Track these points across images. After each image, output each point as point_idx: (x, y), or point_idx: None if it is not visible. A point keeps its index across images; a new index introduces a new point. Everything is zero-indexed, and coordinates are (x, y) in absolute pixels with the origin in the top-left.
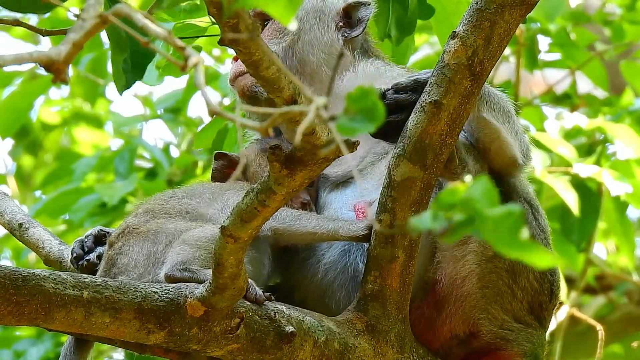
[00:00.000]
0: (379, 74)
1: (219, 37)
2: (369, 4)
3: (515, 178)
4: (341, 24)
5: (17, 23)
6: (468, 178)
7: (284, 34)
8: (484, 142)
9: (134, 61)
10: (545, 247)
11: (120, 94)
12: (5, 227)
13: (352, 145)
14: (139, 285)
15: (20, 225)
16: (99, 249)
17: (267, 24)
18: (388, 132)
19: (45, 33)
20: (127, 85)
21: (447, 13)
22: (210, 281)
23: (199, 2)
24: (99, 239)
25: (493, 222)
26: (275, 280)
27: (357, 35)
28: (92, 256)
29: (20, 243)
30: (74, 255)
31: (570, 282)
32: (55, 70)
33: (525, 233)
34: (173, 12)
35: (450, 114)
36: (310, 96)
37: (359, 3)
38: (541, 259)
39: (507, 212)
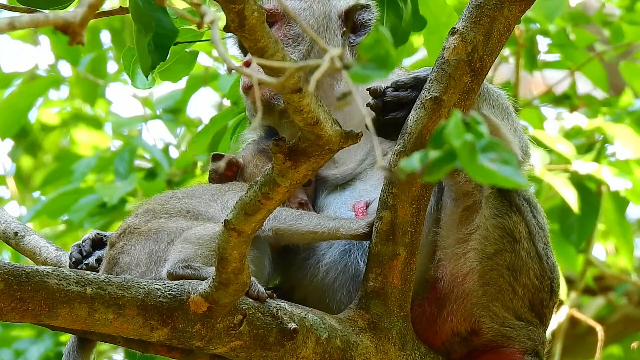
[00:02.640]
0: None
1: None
2: (370, 7)
3: None
4: (344, 28)
5: (30, 11)
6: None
7: (297, 42)
8: None
9: (156, 42)
10: (545, 245)
11: (146, 76)
12: None
13: (355, 136)
14: (142, 282)
15: (16, 233)
16: (98, 253)
17: (273, 25)
18: (388, 129)
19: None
20: (152, 67)
21: (439, 25)
22: (214, 277)
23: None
24: (97, 243)
25: (460, 151)
26: (274, 282)
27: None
28: (91, 260)
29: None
30: (73, 259)
31: (569, 282)
32: (72, 32)
33: (490, 156)
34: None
35: (450, 110)
36: (325, 46)
37: (360, 6)
38: (503, 180)
39: (464, 142)
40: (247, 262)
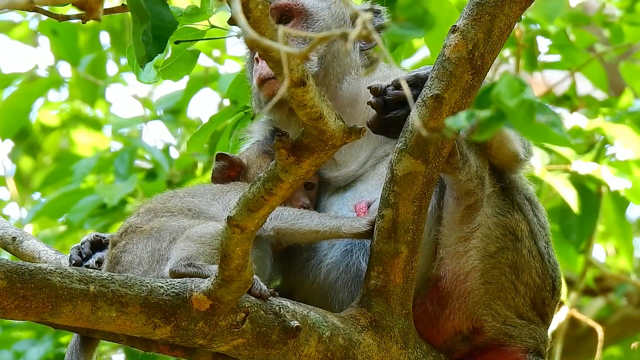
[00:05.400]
0: (382, 76)
1: (217, 40)
2: (381, 13)
3: (516, 174)
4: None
5: (34, 8)
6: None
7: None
8: None
9: (155, 34)
10: (546, 244)
11: (141, 67)
12: None
13: (358, 132)
14: (144, 280)
15: (14, 238)
16: (97, 254)
17: (289, 21)
18: (390, 127)
19: (61, 18)
20: (148, 58)
21: (440, 22)
22: (216, 274)
23: (199, 6)
24: (96, 245)
25: (512, 111)
26: (275, 283)
27: (374, 46)
28: (91, 261)
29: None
30: (73, 262)
31: (570, 283)
32: (88, 8)
33: (540, 118)
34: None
35: (451, 108)
36: (356, 10)
37: (372, 10)
38: (557, 139)
39: (522, 101)
40: (250, 260)
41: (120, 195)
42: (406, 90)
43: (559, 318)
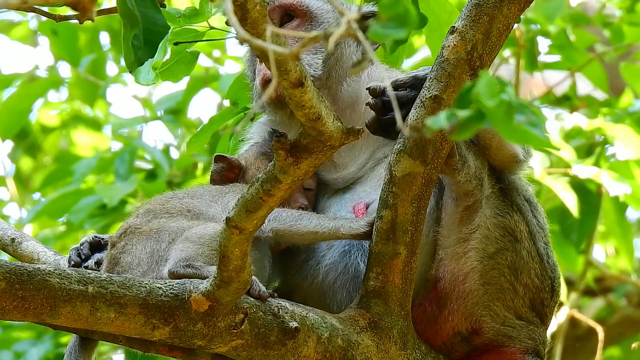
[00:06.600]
0: (381, 77)
1: (217, 41)
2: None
3: (515, 175)
4: None
5: (31, 9)
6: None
7: (319, 45)
8: (484, 139)
9: (146, 38)
10: (545, 245)
11: (130, 72)
12: None
13: (356, 132)
14: (143, 281)
15: (13, 240)
16: (97, 255)
17: (291, 20)
18: (388, 128)
19: (59, 19)
20: (138, 63)
21: (440, 23)
22: (215, 275)
23: (198, 7)
24: (95, 246)
25: (491, 111)
26: (273, 285)
27: (377, 48)
28: (90, 262)
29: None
30: (72, 263)
31: (570, 283)
32: (82, 8)
33: (519, 118)
34: (172, 17)
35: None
36: (342, 10)
37: (372, 13)
38: (536, 141)
39: (500, 101)
40: (248, 260)
41: (121, 195)
42: (391, 94)
43: (559, 318)
